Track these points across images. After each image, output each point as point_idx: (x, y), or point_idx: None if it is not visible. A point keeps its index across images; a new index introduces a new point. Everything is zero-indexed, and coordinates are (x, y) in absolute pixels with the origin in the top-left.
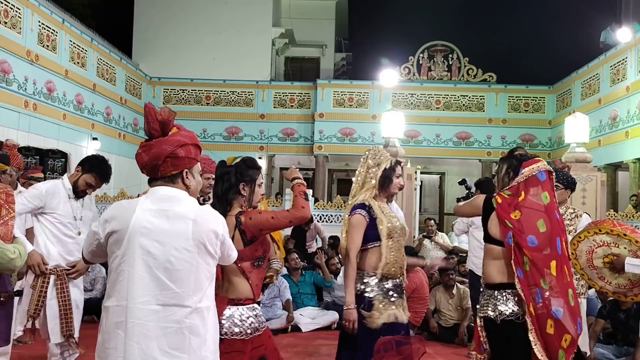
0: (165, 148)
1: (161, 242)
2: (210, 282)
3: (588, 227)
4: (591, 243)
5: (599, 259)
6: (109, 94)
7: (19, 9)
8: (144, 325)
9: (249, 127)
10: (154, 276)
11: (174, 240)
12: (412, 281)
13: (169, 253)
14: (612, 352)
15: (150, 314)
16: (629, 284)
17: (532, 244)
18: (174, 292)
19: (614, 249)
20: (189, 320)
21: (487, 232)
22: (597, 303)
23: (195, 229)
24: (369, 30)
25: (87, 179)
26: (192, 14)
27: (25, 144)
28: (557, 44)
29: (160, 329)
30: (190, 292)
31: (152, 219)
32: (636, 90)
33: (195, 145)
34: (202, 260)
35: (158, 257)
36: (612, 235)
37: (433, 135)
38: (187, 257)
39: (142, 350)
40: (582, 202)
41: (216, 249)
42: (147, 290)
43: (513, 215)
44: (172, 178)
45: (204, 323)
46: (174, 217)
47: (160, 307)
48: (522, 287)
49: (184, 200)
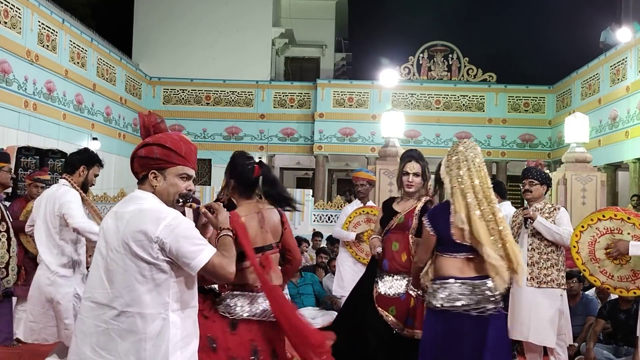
0: (133, 150)
1: (107, 242)
2: (150, 287)
3: (592, 215)
4: (594, 232)
5: (601, 250)
6: (109, 94)
7: (19, 9)
8: (83, 320)
9: (249, 127)
10: (98, 275)
11: (113, 240)
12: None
13: (108, 253)
14: (612, 352)
15: (88, 311)
16: (632, 275)
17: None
18: (107, 291)
19: (618, 236)
20: (116, 323)
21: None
22: (597, 303)
23: (124, 229)
24: (369, 30)
25: (94, 171)
26: (192, 14)
27: (25, 144)
28: (557, 44)
29: (93, 326)
30: (118, 293)
31: (108, 220)
32: (636, 90)
33: (160, 146)
34: (130, 263)
35: (103, 257)
36: (616, 220)
37: (433, 135)
38: (117, 258)
39: (78, 345)
40: (582, 202)
41: (151, 251)
42: (91, 287)
43: None
44: (143, 179)
45: (137, 329)
46: (120, 217)
47: (96, 304)
48: None
49: (140, 199)
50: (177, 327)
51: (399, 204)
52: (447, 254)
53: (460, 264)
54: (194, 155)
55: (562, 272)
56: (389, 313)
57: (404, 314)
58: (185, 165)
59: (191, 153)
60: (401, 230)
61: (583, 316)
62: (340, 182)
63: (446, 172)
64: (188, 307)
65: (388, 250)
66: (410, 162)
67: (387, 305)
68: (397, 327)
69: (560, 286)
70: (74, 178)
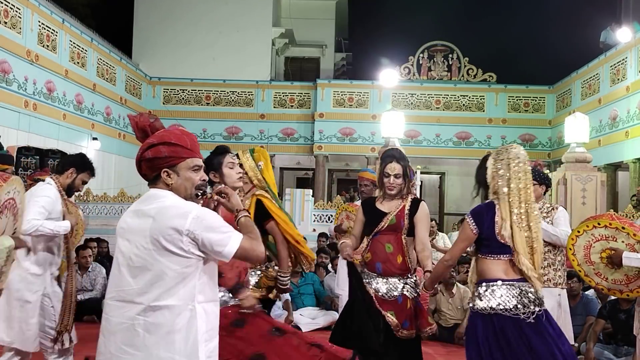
0: (137, 154)
1: (129, 240)
2: (178, 280)
3: (587, 222)
4: (589, 237)
5: (596, 254)
6: (109, 94)
7: (19, 9)
8: (108, 319)
9: (249, 127)
10: (121, 273)
11: (136, 237)
12: None
13: (131, 251)
14: (612, 352)
15: (114, 309)
16: (625, 279)
17: None
18: (132, 288)
19: (612, 243)
20: (142, 318)
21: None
22: (597, 303)
23: (152, 225)
24: (369, 30)
25: (83, 177)
26: (192, 14)
27: (25, 144)
28: (557, 44)
29: (118, 324)
30: (145, 289)
31: (128, 219)
32: (636, 90)
33: (166, 144)
34: (161, 258)
35: (125, 255)
36: (610, 228)
37: (433, 135)
38: (144, 254)
39: (104, 344)
40: (582, 202)
41: (182, 245)
42: (114, 287)
43: None
44: (154, 180)
45: (166, 322)
46: (141, 215)
47: (120, 302)
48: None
49: (161, 198)
50: (203, 319)
51: (383, 204)
52: (491, 256)
53: (505, 266)
54: (197, 144)
55: (559, 271)
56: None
57: (401, 316)
58: (194, 157)
59: (195, 143)
60: (393, 231)
61: (583, 316)
62: (340, 182)
63: (492, 177)
64: (212, 300)
65: (381, 252)
66: (391, 163)
67: (386, 309)
68: (395, 329)
69: (558, 285)
70: (60, 179)
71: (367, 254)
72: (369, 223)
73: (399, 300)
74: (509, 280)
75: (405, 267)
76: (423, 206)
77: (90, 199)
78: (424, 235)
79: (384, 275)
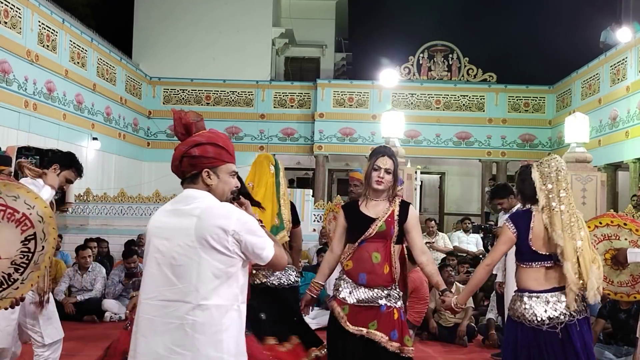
0: (180, 148)
1: (168, 239)
2: (223, 280)
3: (588, 222)
4: (592, 239)
5: (600, 256)
6: (109, 94)
7: (19, 9)
8: (151, 320)
9: (249, 127)
10: (162, 272)
11: (178, 236)
12: (412, 281)
13: (173, 249)
14: (612, 352)
15: (157, 310)
16: (631, 280)
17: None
18: (177, 287)
19: (615, 242)
20: (191, 317)
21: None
22: (597, 303)
23: (198, 224)
24: (369, 30)
25: (67, 175)
26: (192, 14)
27: (25, 144)
28: (557, 44)
29: (165, 324)
30: (192, 288)
31: (164, 218)
32: (636, 90)
33: (213, 145)
34: (206, 256)
35: (165, 254)
36: (612, 226)
37: (433, 135)
38: (189, 253)
39: (148, 345)
40: (582, 202)
41: (227, 245)
42: (155, 287)
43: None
44: (193, 178)
45: (214, 321)
46: (182, 214)
47: (165, 302)
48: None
49: (200, 198)
50: (243, 318)
51: (368, 208)
52: (525, 264)
53: (537, 274)
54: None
55: None
56: (370, 328)
57: (388, 327)
58: (233, 163)
59: (234, 150)
60: (382, 238)
61: None
62: (340, 182)
63: (540, 190)
64: (245, 301)
65: (366, 262)
66: (382, 157)
67: (366, 321)
68: (382, 340)
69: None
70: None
71: (349, 261)
72: (353, 229)
73: (381, 309)
74: (537, 292)
75: (391, 278)
76: (413, 210)
77: (90, 199)
78: (421, 243)
79: (368, 286)
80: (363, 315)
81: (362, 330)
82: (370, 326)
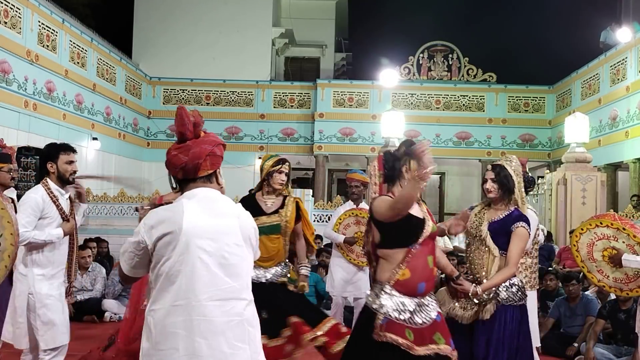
0: (205, 147)
1: (214, 239)
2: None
3: (590, 220)
4: (592, 236)
5: (598, 252)
6: (109, 94)
7: (19, 9)
8: (210, 321)
9: (249, 127)
10: (212, 273)
11: (225, 236)
12: None
13: (222, 249)
14: (612, 352)
15: (214, 309)
16: (626, 278)
17: None
18: (232, 286)
19: (613, 243)
20: (247, 313)
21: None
22: (597, 303)
23: (241, 224)
24: (369, 30)
25: (64, 159)
26: (192, 14)
27: (25, 144)
28: (557, 44)
29: (225, 323)
30: (245, 285)
31: (202, 218)
32: (636, 90)
33: (223, 147)
34: (249, 254)
35: (213, 254)
36: (612, 228)
37: (433, 135)
38: (239, 252)
39: (211, 346)
40: (582, 202)
41: (255, 242)
42: (208, 287)
43: None
44: (209, 178)
45: (255, 314)
46: (221, 215)
47: (222, 302)
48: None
49: (223, 199)
50: None
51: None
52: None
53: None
54: None
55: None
56: (438, 343)
57: (446, 335)
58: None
59: None
60: (432, 239)
61: (583, 316)
62: (340, 182)
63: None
64: None
65: (424, 269)
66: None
67: (430, 335)
68: (453, 355)
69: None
70: (50, 178)
71: (405, 270)
72: (403, 231)
73: (437, 318)
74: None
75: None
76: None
77: (90, 199)
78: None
79: (424, 295)
80: (427, 331)
81: (434, 348)
82: (437, 340)
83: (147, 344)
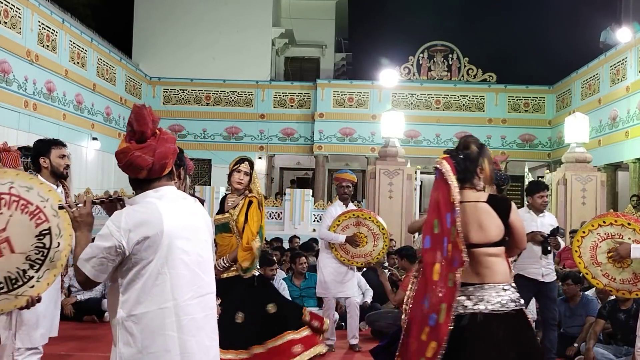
0: (169, 146)
1: (189, 238)
2: None
3: (592, 221)
4: (595, 237)
5: (602, 254)
6: (109, 94)
7: (19, 9)
8: (194, 319)
9: (249, 127)
10: (192, 271)
11: (196, 235)
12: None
13: (197, 247)
14: (612, 352)
15: (196, 307)
16: (633, 277)
17: (426, 245)
18: (206, 281)
19: (619, 241)
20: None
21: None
22: (597, 303)
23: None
24: (369, 30)
25: (56, 154)
26: (192, 14)
27: (25, 144)
28: (557, 44)
29: (203, 318)
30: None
31: (178, 219)
32: (636, 90)
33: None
34: (212, 249)
35: (191, 253)
36: (616, 225)
37: (433, 135)
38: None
39: (198, 342)
40: (582, 202)
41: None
42: (190, 286)
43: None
44: (170, 175)
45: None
46: (192, 214)
47: (200, 298)
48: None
49: (183, 195)
50: None
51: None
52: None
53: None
54: None
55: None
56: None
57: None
58: None
59: None
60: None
61: (583, 316)
62: None
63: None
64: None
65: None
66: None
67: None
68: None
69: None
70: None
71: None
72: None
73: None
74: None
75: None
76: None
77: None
78: None
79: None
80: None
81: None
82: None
83: (129, 349)
